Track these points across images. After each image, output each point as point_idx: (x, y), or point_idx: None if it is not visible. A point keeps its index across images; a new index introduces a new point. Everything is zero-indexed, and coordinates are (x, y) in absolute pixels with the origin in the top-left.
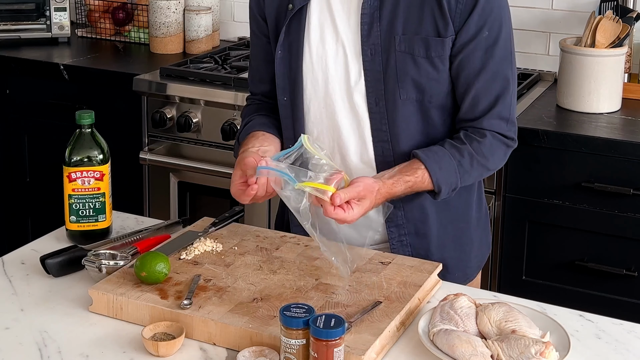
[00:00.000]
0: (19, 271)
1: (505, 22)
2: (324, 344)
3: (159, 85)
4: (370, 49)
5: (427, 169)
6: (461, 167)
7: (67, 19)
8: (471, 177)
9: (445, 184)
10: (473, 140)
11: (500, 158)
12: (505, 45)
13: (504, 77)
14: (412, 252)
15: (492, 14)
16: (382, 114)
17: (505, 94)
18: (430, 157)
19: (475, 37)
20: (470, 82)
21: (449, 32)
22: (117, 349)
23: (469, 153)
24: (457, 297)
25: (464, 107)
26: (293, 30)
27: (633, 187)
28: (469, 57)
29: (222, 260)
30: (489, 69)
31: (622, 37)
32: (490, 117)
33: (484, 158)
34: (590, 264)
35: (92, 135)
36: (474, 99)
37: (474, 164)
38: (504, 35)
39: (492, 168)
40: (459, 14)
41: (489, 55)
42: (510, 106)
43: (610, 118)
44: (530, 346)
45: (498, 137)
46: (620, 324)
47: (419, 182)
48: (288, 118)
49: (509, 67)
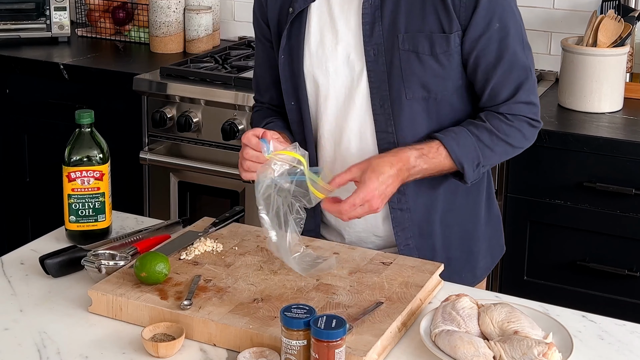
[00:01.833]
0: (18, 271)
1: (514, 11)
2: (325, 345)
3: (159, 85)
4: (373, 49)
5: (443, 145)
6: (480, 142)
7: (67, 18)
8: (494, 153)
9: (467, 160)
10: (493, 118)
11: (525, 136)
12: (517, 34)
13: (521, 66)
14: (418, 254)
15: (499, 5)
16: (387, 115)
17: (525, 82)
18: (447, 134)
19: (486, 31)
20: (488, 75)
21: (454, 27)
22: (117, 349)
23: (488, 129)
24: (459, 298)
25: (484, 97)
26: (294, 34)
27: (635, 187)
28: (484, 51)
29: (223, 260)
30: (506, 61)
31: (624, 37)
32: (511, 104)
33: (504, 134)
34: (592, 264)
35: (92, 135)
36: (493, 90)
37: (494, 139)
38: (514, 24)
39: (517, 145)
40: (463, 7)
41: (504, 46)
42: (530, 91)
43: (612, 118)
44: (533, 347)
45: (520, 117)
46: (623, 324)
47: (434, 152)
48: (296, 123)
49: (524, 55)
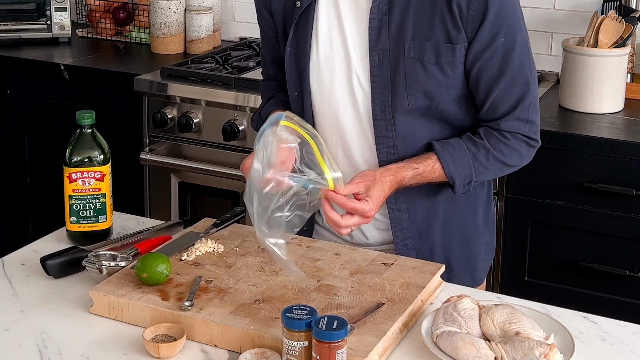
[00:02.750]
0: (19, 272)
1: (520, 26)
2: (326, 346)
3: (160, 86)
4: (379, 55)
5: (439, 160)
6: (476, 160)
7: (67, 19)
8: (488, 171)
9: (459, 177)
10: (492, 136)
11: (522, 155)
12: (522, 49)
13: (523, 81)
14: (416, 254)
15: (507, 19)
16: (387, 121)
17: (526, 98)
18: (445, 149)
19: (491, 44)
20: (490, 88)
21: (460, 38)
22: (118, 350)
23: (485, 147)
24: (460, 299)
25: (484, 109)
26: (301, 28)
27: (636, 187)
28: (487, 64)
29: (224, 261)
30: (509, 75)
31: (625, 37)
32: (509, 119)
33: (500, 153)
34: (593, 264)
35: (93, 136)
36: (494, 103)
37: (490, 159)
38: (520, 39)
39: (512, 164)
40: (471, 20)
41: (508, 60)
42: (530, 108)
43: (613, 118)
44: (535, 348)
45: (517, 136)
46: (624, 325)
47: (428, 170)
48: (298, 113)
49: (528, 70)
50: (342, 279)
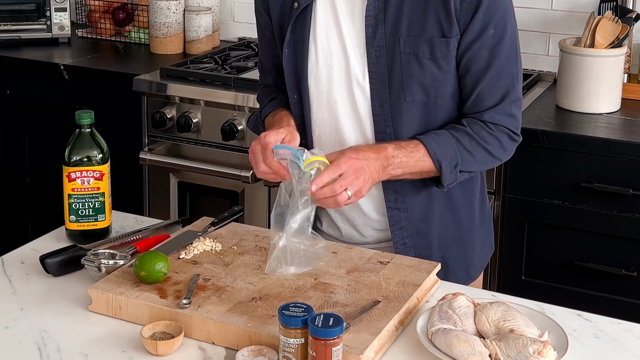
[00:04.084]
0: (19, 271)
1: (510, 20)
2: (322, 343)
3: (159, 86)
4: (375, 51)
5: (423, 143)
6: (460, 144)
7: (67, 19)
8: (473, 157)
9: (445, 159)
10: (475, 125)
11: (504, 147)
12: (511, 43)
13: (509, 75)
14: (415, 253)
15: (497, 12)
16: (386, 117)
17: (511, 92)
18: (428, 135)
19: (480, 35)
20: (476, 80)
21: (453, 32)
22: (117, 348)
23: (468, 134)
24: (455, 297)
25: (469, 102)
26: (299, 29)
27: (632, 187)
28: (475, 55)
29: (221, 259)
30: (495, 67)
31: (621, 38)
32: (493, 112)
33: (484, 141)
34: (590, 264)
35: (92, 135)
36: (480, 96)
37: (473, 144)
38: (509, 33)
39: (496, 154)
40: (464, 13)
41: (495, 53)
42: (513, 103)
43: (609, 118)
44: (529, 345)
45: (501, 127)
46: (618, 323)
47: (411, 146)
48: (297, 117)
49: (514, 65)
50: (339, 277)
